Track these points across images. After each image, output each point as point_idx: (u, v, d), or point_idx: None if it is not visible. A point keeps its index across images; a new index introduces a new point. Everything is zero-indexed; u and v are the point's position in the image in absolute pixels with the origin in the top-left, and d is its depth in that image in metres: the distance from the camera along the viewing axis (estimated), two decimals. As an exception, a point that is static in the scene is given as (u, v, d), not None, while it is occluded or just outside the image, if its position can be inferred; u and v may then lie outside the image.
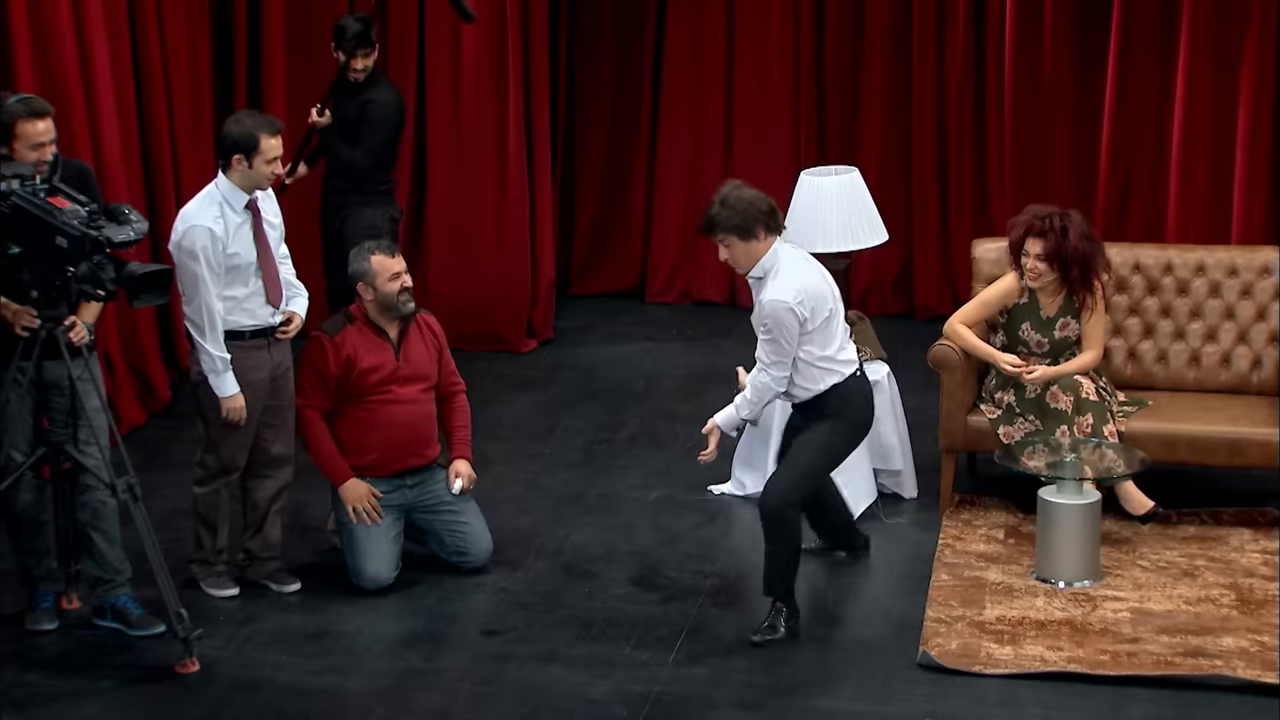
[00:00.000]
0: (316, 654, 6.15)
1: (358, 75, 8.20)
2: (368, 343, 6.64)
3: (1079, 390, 7.04)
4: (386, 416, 6.64)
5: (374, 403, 6.63)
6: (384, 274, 6.59)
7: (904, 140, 10.07)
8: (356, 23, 8.19)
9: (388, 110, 8.25)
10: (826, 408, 6.26)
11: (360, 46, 8.15)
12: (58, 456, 6.07)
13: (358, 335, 6.63)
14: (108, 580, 6.26)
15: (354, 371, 6.60)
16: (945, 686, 5.89)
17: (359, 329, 6.64)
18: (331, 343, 6.60)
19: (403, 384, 6.66)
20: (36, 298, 5.84)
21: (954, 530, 7.09)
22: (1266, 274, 7.52)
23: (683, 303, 10.42)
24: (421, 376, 6.72)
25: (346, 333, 6.63)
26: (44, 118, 6.01)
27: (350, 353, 6.60)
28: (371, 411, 6.64)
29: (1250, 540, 6.97)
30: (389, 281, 6.59)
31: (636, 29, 10.37)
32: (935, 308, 9.89)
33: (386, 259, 6.60)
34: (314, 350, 6.62)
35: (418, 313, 6.76)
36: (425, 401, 6.74)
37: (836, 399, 6.26)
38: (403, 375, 6.66)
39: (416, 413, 6.70)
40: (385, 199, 8.34)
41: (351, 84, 8.21)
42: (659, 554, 6.96)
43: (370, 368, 6.61)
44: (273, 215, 6.50)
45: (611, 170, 10.56)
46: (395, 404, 6.65)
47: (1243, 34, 9.27)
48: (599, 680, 5.94)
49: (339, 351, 6.59)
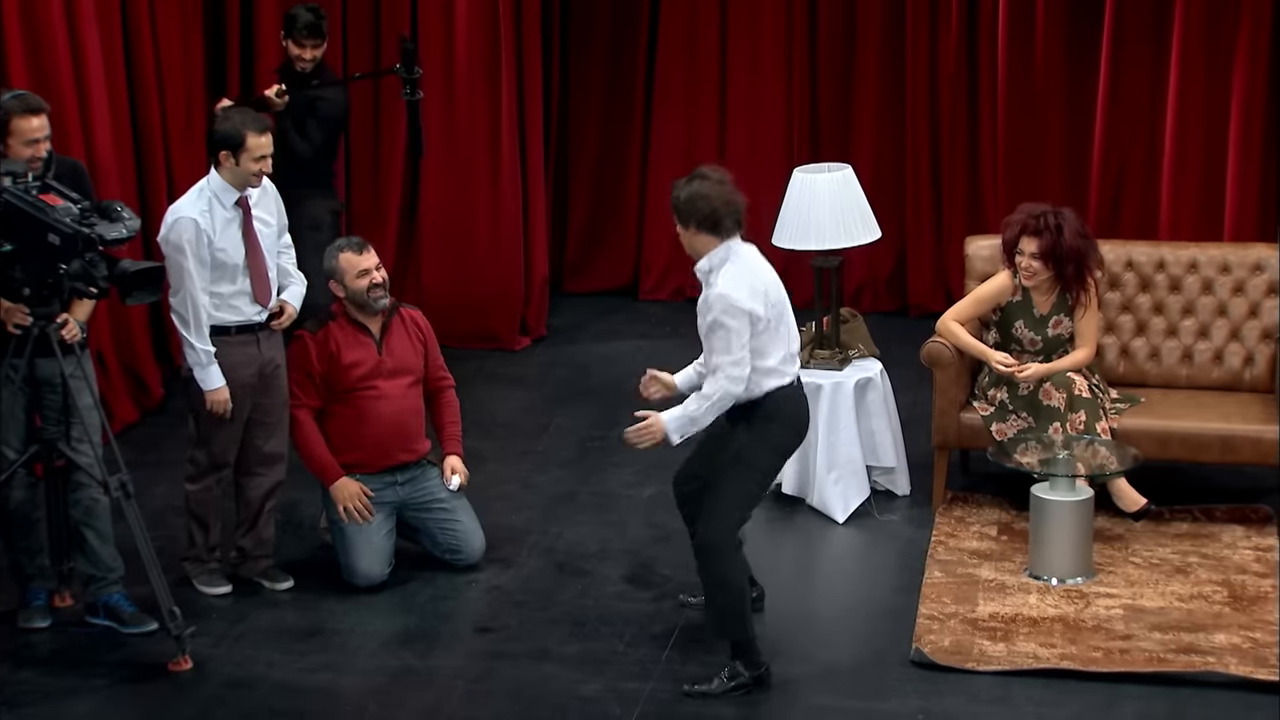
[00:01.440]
0: (309, 651, 6.15)
1: (305, 66, 8.17)
2: (350, 339, 6.64)
3: (1071, 387, 7.04)
4: (373, 412, 6.64)
5: (359, 399, 6.64)
6: (351, 272, 6.58)
7: (897, 138, 10.07)
8: (308, 13, 8.18)
9: (336, 109, 8.25)
10: (758, 413, 5.86)
11: (310, 36, 8.14)
12: (50, 454, 6.07)
13: (339, 332, 6.64)
14: (100, 578, 6.26)
15: (338, 367, 6.60)
16: (938, 683, 5.89)
17: (340, 326, 6.65)
18: (314, 340, 6.61)
19: (387, 378, 6.66)
20: (29, 295, 5.84)
21: (947, 527, 7.09)
22: (1259, 271, 7.53)
23: (676, 300, 10.40)
24: (406, 370, 6.72)
25: (329, 329, 6.64)
26: (39, 114, 6.00)
27: (333, 348, 6.61)
28: (357, 408, 6.64)
29: (1242, 537, 6.98)
30: (357, 279, 6.59)
31: (629, 27, 10.36)
32: (928, 305, 9.88)
33: (354, 256, 6.59)
34: (298, 350, 6.64)
35: (400, 307, 6.77)
36: (412, 396, 6.74)
37: (770, 405, 5.86)
38: (386, 370, 6.66)
39: (403, 408, 6.70)
40: (326, 192, 8.35)
41: (298, 74, 8.19)
42: (652, 551, 6.96)
43: (353, 363, 6.61)
44: (267, 214, 6.50)
45: (604, 168, 10.55)
46: (381, 399, 6.65)
47: (1235, 31, 9.28)
48: (592, 678, 5.94)
49: (322, 347, 6.60)
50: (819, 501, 7.25)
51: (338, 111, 8.30)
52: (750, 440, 5.88)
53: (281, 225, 6.61)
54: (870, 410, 7.36)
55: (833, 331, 7.43)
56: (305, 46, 8.13)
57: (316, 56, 8.19)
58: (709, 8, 10.16)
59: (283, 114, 8.03)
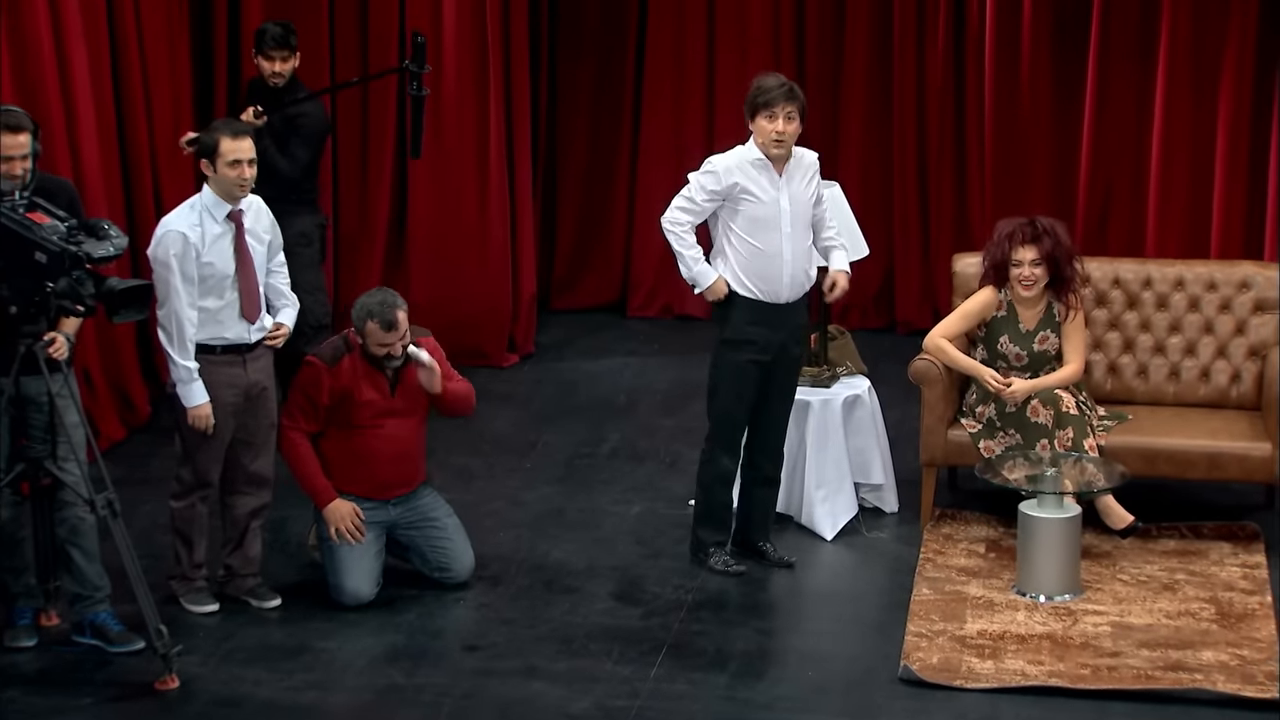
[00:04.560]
0: (297, 670, 6.13)
1: (278, 80, 8.17)
2: (364, 375, 6.56)
3: (1059, 404, 7.05)
4: (375, 450, 6.60)
5: (364, 435, 6.59)
6: (373, 341, 6.52)
7: (884, 155, 10.09)
8: (276, 27, 8.19)
9: (317, 124, 8.25)
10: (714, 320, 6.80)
11: (279, 49, 8.14)
12: (36, 472, 6.05)
13: (354, 367, 6.57)
14: (87, 596, 6.24)
15: (349, 403, 6.56)
16: (926, 701, 5.89)
17: (355, 360, 6.59)
18: (329, 373, 6.54)
19: (395, 418, 6.62)
20: (16, 314, 5.83)
21: (935, 544, 7.09)
22: (1245, 288, 7.55)
23: (664, 317, 10.42)
24: (415, 409, 6.68)
25: (343, 363, 6.56)
26: (19, 132, 5.98)
27: (347, 384, 6.54)
28: (359, 443, 6.59)
29: (1230, 554, 6.99)
30: (377, 347, 6.53)
31: (617, 45, 10.38)
32: (916, 322, 9.90)
33: (380, 332, 6.46)
34: (308, 377, 6.57)
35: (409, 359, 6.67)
36: (418, 435, 6.71)
37: (719, 311, 6.72)
38: (397, 409, 6.62)
39: (405, 449, 6.66)
40: (311, 208, 8.35)
41: (272, 90, 8.19)
42: (640, 569, 6.96)
43: (365, 401, 6.56)
44: (262, 230, 6.49)
45: (592, 185, 10.57)
46: (385, 438, 6.60)
47: (1221, 49, 9.32)
48: (580, 696, 5.93)
49: (336, 382, 6.54)
50: (807, 519, 7.25)
51: (320, 126, 8.29)
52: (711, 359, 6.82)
53: (275, 245, 6.58)
54: (858, 427, 7.36)
55: (820, 349, 7.43)
56: (275, 60, 8.13)
57: (287, 70, 8.18)
58: (696, 24, 10.18)
59: (261, 133, 8.02)
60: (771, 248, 6.62)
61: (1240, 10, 9.29)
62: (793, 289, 6.69)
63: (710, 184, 6.66)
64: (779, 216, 6.62)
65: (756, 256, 6.64)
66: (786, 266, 6.64)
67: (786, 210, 6.63)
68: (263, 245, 6.49)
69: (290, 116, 8.14)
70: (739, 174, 6.63)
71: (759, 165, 6.63)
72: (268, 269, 6.54)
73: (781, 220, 6.62)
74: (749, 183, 6.61)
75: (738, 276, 6.67)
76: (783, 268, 6.64)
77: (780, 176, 6.64)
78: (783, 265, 6.64)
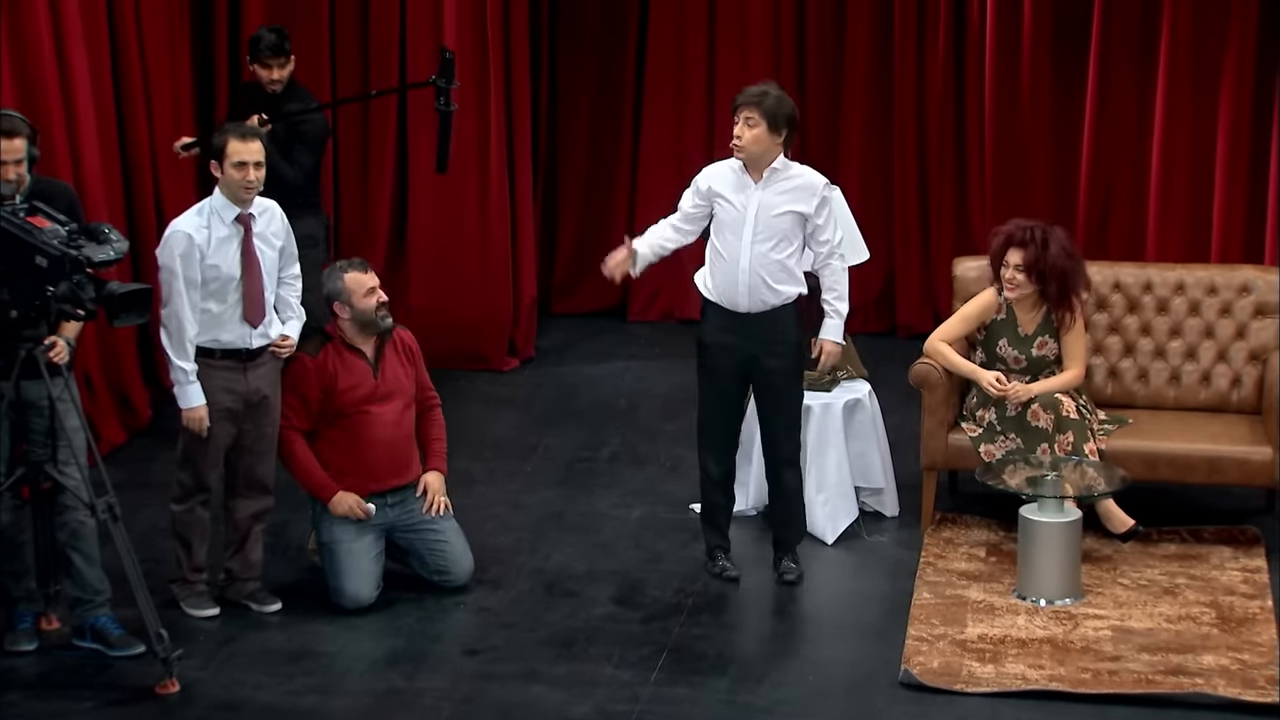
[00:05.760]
0: (297, 674, 6.13)
1: (275, 86, 8.17)
2: (345, 362, 6.63)
3: (1059, 408, 7.05)
4: (365, 436, 6.63)
5: (352, 423, 6.62)
6: (359, 290, 6.58)
7: (885, 159, 10.10)
8: (270, 33, 8.18)
9: (320, 129, 8.25)
10: None
11: (275, 56, 8.13)
12: (37, 476, 6.05)
13: (336, 355, 6.63)
14: (87, 600, 6.24)
15: (334, 391, 6.60)
16: (927, 705, 5.89)
17: (336, 349, 6.64)
18: (314, 364, 6.60)
19: (380, 402, 6.65)
20: (16, 318, 5.83)
21: (935, 548, 7.09)
22: (1245, 292, 7.55)
23: (665, 322, 10.43)
24: (398, 393, 6.71)
25: (326, 353, 6.63)
26: (14, 136, 5.98)
27: (331, 371, 6.60)
28: (350, 432, 6.63)
29: (1230, 558, 6.99)
30: (365, 297, 6.59)
31: (618, 48, 10.39)
32: (916, 326, 9.90)
33: (360, 275, 6.60)
34: (297, 373, 6.62)
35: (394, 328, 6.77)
36: (405, 420, 6.73)
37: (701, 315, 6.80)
38: (381, 393, 6.65)
39: (396, 434, 6.68)
40: (315, 210, 8.35)
41: (269, 95, 8.19)
42: (641, 573, 6.96)
43: (348, 387, 6.61)
44: (274, 234, 6.48)
45: (593, 189, 10.58)
46: (374, 423, 6.64)
47: (1221, 53, 9.32)
48: (580, 700, 5.93)
49: (320, 371, 6.59)
50: (807, 523, 7.24)
51: (323, 131, 8.29)
52: None
53: (288, 252, 6.58)
54: (859, 431, 7.36)
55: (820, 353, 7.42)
56: (271, 67, 8.13)
57: (284, 76, 8.18)
58: (697, 29, 10.19)
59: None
60: (730, 253, 6.60)
61: (1240, 14, 9.30)
62: (750, 299, 6.61)
63: (694, 188, 6.75)
64: (742, 223, 6.59)
65: (718, 260, 6.66)
66: (743, 275, 6.58)
67: (751, 217, 6.58)
68: (273, 250, 6.48)
69: (294, 123, 8.15)
70: (717, 179, 6.68)
71: (738, 171, 6.64)
72: (280, 279, 6.54)
73: (744, 227, 6.58)
74: (723, 187, 6.65)
75: (706, 280, 6.72)
76: (739, 275, 6.58)
77: (756, 185, 6.61)
78: (739, 272, 6.58)
